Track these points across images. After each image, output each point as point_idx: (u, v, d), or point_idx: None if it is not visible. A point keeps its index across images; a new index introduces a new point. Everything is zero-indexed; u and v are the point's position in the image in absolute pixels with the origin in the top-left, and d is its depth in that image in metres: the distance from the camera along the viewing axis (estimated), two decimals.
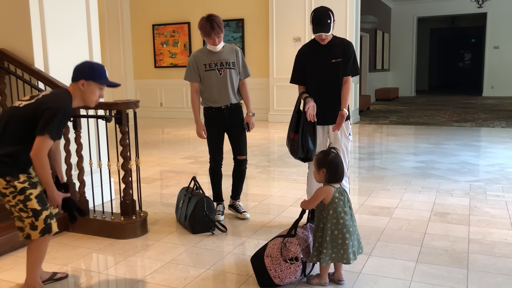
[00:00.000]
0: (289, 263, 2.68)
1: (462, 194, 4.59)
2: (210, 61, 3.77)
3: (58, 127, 2.49)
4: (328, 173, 2.73)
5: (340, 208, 2.69)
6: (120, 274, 2.97)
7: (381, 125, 10.11)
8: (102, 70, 2.68)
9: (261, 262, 2.74)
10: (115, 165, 3.79)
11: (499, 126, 9.38)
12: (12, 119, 2.53)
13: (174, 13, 11.50)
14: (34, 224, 2.54)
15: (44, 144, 2.44)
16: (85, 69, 2.63)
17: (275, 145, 7.83)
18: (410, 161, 6.22)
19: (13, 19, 3.97)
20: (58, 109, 2.48)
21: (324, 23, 3.39)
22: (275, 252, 2.72)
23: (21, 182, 2.52)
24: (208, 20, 3.65)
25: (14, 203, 2.53)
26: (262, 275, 2.74)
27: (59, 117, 2.47)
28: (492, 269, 2.93)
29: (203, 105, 3.90)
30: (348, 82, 3.56)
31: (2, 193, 2.54)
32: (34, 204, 2.54)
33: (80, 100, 2.65)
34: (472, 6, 15.56)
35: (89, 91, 2.62)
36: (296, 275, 2.72)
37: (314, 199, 2.74)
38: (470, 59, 23.94)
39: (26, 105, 2.54)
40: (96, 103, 2.71)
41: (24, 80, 3.90)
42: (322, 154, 2.82)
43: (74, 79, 2.63)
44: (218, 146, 3.92)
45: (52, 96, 2.60)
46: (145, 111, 11.18)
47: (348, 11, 9.42)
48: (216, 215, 3.87)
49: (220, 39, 3.73)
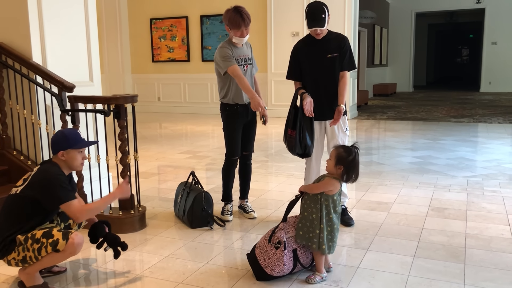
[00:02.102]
0: (274, 249, 2.68)
1: (459, 190, 4.61)
2: (237, 56, 3.66)
3: (66, 188, 2.62)
4: (344, 172, 2.70)
5: (338, 201, 2.72)
6: (119, 268, 2.98)
7: (378, 120, 10.12)
8: (75, 136, 2.76)
9: (253, 254, 2.78)
10: (113, 160, 3.79)
11: (496, 122, 9.40)
12: (12, 207, 2.64)
13: (172, 7, 11.46)
14: (54, 241, 2.54)
15: (73, 207, 2.60)
16: (59, 141, 2.72)
17: (273, 140, 7.83)
18: (407, 157, 6.23)
19: (11, 13, 3.95)
20: (55, 178, 2.61)
21: (319, 17, 3.38)
22: (263, 240, 2.77)
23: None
24: (237, 11, 3.56)
25: (30, 251, 2.57)
26: (256, 268, 2.76)
27: (58, 183, 2.60)
28: (489, 263, 2.95)
29: (228, 102, 3.72)
30: (345, 77, 3.56)
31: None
32: (39, 234, 2.58)
33: (66, 168, 2.74)
34: (470, 2, 15.57)
35: (70, 158, 2.71)
36: (284, 262, 2.68)
37: (321, 186, 2.71)
38: (468, 54, 23.97)
39: (22, 190, 2.64)
40: (82, 166, 2.83)
41: (22, 74, 3.88)
42: (345, 151, 2.73)
43: (53, 152, 2.73)
44: (238, 144, 3.79)
45: (42, 170, 2.67)
46: (143, 105, 11.15)
47: (346, 6, 9.40)
48: (225, 215, 3.84)
49: (247, 31, 3.61)
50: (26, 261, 2.58)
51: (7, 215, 2.64)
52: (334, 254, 2.93)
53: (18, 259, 2.58)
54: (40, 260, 2.57)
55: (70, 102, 3.66)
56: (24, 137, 4.08)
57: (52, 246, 2.52)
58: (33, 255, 2.55)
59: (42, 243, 2.53)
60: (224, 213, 3.87)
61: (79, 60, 4.31)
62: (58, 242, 2.52)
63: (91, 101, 3.67)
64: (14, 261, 2.60)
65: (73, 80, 3.85)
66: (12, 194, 2.67)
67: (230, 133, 3.77)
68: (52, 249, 2.52)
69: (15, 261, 2.61)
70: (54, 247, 2.52)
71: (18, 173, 3.96)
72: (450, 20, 20.37)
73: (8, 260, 2.62)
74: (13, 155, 4.08)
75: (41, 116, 3.96)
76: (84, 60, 4.35)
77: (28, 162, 4.02)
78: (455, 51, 24.15)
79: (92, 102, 3.67)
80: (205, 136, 8.29)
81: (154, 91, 11.96)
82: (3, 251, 2.59)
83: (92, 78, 4.41)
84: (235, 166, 3.90)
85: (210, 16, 10.96)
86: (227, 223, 3.76)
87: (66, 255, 2.58)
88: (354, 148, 2.75)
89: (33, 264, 2.59)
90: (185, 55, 11.49)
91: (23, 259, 2.58)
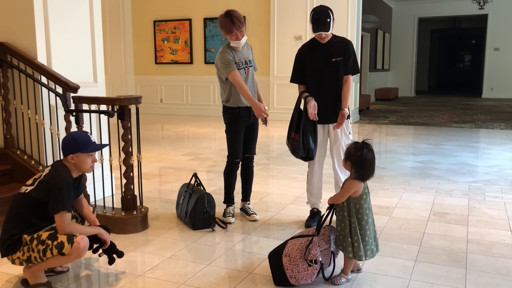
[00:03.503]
0: (307, 265, 2.64)
1: (461, 195, 4.61)
2: (238, 59, 3.68)
3: (68, 199, 2.61)
4: (353, 168, 2.67)
5: (366, 205, 2.68)
6: (121, 269, 2.99)
7: (380, 125, 10.13)
8: (85, 139, 2.74)
9: (279, 260, 2.71)
10: (116, 161, 3.81)
11: (498, 128, 9.40)
12: (20, 206, 2.64)
13: (175, 9, 11.50)
14: (59, 243, 2.55)
15: (64, 219, 2.58)
16: (69, 144, 2.71)
17: (275, 143, 7.84)
18: (409, 161, 6.24)
19: (17, 13, 3.97)
20: (62, 183, 2.59)
21: (324, 22, 3.40)
22: (294, 252, 2.68)
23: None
24: (226, 16, 3.57)
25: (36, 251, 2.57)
26: (278, 273, 2.71)
27: (65, 190, 2.58)
28: (490, 269, 2.95)
29: (231, 105, 3.72)
30: (348, 81, 3.57)
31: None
32: (45, 236, 2.59)
33: (76, 171, 2.74)
34: (473, 8, 15.57)
35: (80, 162, 2.70)
36: (313, 278, 2.68)
37: (344, 192, 2.67)
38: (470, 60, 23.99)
39: (31, 190, 2.63)
40: (92, 169, 2.81)
41: (27, 74, 3.90)
42: (353, 147, 2.69)
43: (64, 155, 2.72)
44: (240, 147, 3.79)
45: (52, 173, 2.67)
46: (145, 107, 11.16)
47: (349, 10, 9.42)
48: (227, 217, 3.85)
49: (242, 33, 3.61)
50: (31, 261, 2.59)
51: (15, 214, 2.64)
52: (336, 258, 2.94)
53: (22, 258, 2.59)
54: (45, 261, 2.58)
55: (74, 102, 3.67)
56: (28, 137, 4.10)
57: (57, 248, 2.53)
58: (38, 256, 2.56)
59: (47, 245, 2.54)
60: (226, 215, 3.87)
61: (84, 61, 4.32)
62: (64, 246, 2.53)
63: (95, 102, 3.68)
64: (19, 260, 2.61)
65: (77, 81, 3.86)
66: (22, 192, 2.67)
67: (232, 136, 3.78)
68: (58, 252, 2.53)
69: (19, 261, 2.62)
70: (59, 250, 2.53)
71: (21, 172, 3.98)
72: (452, 25, 20.40)
73: (12, 259, 2.63)
74: (17, 154, 4.10)
75: (45, 116, 3.97)
76: (89, 61, 4.37)
77: (32, 162, 4.04)
78: (458, 57, 24.17)
79: (96, 103, 3.68)
80: (207, 138, 8.30)
81: (156, 93, 11.99)
82: (9, 249, 2.60)
83: (96, 79, 4.43)
84: (237, 168, 3.91)
85: (214, 18, 10.99)
86: (229, 225, 3.76)
87: (72, 258, 2.60)
88: (364, 144, 2.69)
89: (38, 264, 2.60)
90: (188, 57, 11.52)
91: (28, 259, 2.59)
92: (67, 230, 2.59)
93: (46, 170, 2.72)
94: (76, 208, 2.87)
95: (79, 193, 2.86)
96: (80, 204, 2.87)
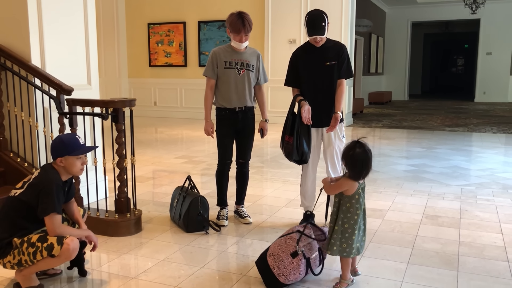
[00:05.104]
0: (291, 258, 2.68)
1: (453, 198, 4.64)
2: (231, 59, 3.72)
3: (58, 201, 2.60)
4: (347, 167, 2.67)
5: (358, 205, 2.69)
6: (114, 272, 2.98)
7: (374, 128, 10.18)
8: (73, 142, 2.74)
9: (265, 262, 2.75)
10: (109, 163, 3.80)
11: (490, 132, 9.48)
12: (10, 209, 2.64)
13: (169, 12, 11.50)
14: (48, 245, 2.54)
15: (54, 221, 2.59)
16: (57, 147, 2.72)
17: (269, 146, 7.86)
18: (402, 165, 6.28)
19: (11, 16, 3.97)
20: (51, 186, 2.59)
21: (319, 26, 3.42)
22: (277, 249, 2.74)
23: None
24: (239, 17, 3.63)
25: (26, 254, 2.57)
26: (268, 276, 2.73)
27: (55, 192, 2.59)
28: (482, 271, 2.98)
29: (217, 105, 3.80)
30: (342, 85, 3.59)
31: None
32: (35, 238, 2.59)
33: (65, 174, 2.74)
34: (465, 12, 15.69)
35: (68, 165, 2.71)
36: (300, 271, 2.70)
37: (336, 186, 2.71)
38: (463, 64, 24.16)
39: (20, 193, 2.63)
40: (81, 171, 2.80)
41: (20, 76, 3.89)
42: (347, 146, 2.69)
43: (53, 158, 2.73)
44: (228, 149, 3.83)
45: (41, 175, 2.67)
46: (139, 110, 11.12)
47: (343, 14, 9.48)
48: (220, 219, 3.86)
49: (247, 38, 3.70)
50: (22, 264, 2.58)
51: (5, 217, 2.64)
52: (328, 260, 2.95)
53: (13, 262, 2.59)
54: (36, 263, 2.58)
55: (68, 105, 3.67)
56: (21, 140, 4.09)
57: (47, 250, 2.53)
58: (28, 259, 2.55)
59: (37, 247, 2.54)
60: (220, 218, 3.88)
61: (78, 64, 4.32)
62: (54, 247, 2.53)
63: (89, 105, 3.68)
64: (10, 264, 2.61)
65: (71, 83, 3.86)
66: (11, 196, 2.67)
67: (220, 137, 3.82)
68: (48, 254, 2.53)
69: (10, 264, 2.61)
70: (49, 252, 2.53)
71: (14, 175, 3.96)
72: (445, 30, 20.56)
73: (3, 263, 2.62)
74: (10, 157, 4.08)
75: (38, 119, 3.96)
76: (83, 64, 4.37)
77: (25, 164, 4.03)
78: (450, 61, 24.33)
79: (90, 105, 3.68)
80: (201, 141, 8.30)
81: (150, 96, 11.97)
82: None
83: (90, 82, 4.43)
84: (228, 169, 3.92)
85: (208, 21, 11.02)
86: (222, 227, 3.77)
87: (62, 260, 2.60)
88: (357, 143, 2.65)
89: (29, 267, 2.60)
90: (182, 60, 11.53)
91: (19, 263, 2.58)
92: (58, 232, 2.59)
93: (36, 173, 2.73)
94: (67, 211, 2.88)
95: (71, 196, 2.86)
96: (71, 207, 2.88)
